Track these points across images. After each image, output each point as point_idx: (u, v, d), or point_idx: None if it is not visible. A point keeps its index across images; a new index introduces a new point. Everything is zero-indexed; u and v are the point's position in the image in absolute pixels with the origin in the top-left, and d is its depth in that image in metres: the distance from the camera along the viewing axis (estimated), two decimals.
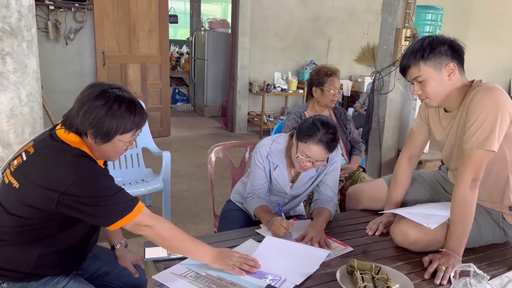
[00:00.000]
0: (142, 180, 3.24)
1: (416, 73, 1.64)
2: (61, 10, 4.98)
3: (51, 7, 4.89)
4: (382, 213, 1.91)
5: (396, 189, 1.98)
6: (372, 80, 3.79)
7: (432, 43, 1.62)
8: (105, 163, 1.55)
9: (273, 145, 1.97)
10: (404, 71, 1.70)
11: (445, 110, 1.78)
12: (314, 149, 1.76)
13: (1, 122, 2.32)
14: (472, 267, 1.32)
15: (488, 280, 1.30)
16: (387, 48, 3.56)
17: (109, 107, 1.31)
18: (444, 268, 1.49)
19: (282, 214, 1.82)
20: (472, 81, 1.69)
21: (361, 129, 4.15)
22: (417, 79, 1.66)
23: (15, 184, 1.31)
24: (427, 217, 1.65)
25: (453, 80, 1.64)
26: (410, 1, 3.43)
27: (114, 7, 5.28)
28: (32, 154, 1.33)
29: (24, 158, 1.33)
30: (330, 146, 1.77)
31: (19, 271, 1.36)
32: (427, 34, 3.75)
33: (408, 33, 3.44)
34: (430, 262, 1.56)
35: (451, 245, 1.60)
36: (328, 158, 1.87)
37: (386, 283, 1.36)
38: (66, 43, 5.13)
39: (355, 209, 2.16)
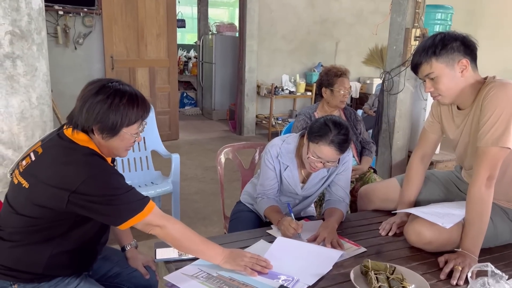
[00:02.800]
0: (152, 182, 3.24)
1: (428, 70, 1.62)
2: (70, 15, 5.02)
3: (60, 12, 4.93)
4: (395, 213, 1.88)
5: (409, 189, 1.95)
6: (381, 81, 3.77)
7: (444, 39, 1.60)
8: (112, 162, 1.55)
9: (283, 145, 1.95)
10: (415, 68, 1.67)
11: (458, 108, 1.75)
12: (326, 150, 1.74)
13: (11, 125, 2.33)
14: (490, 267, 1.29)
15: (507, 280, 1.27)
16: (397, 48, 3.53)
17: (111, 101, 1.31)
18: (460, 268, 1.46)
19: (292, 214, 1.80)
20: (486, 78, 1.66)
21: (370, 131, 4.12)
22: (429, 76, 1.63)
23: (25, 184, 1.30)
24: (442, 216, 1.62)
25: (466, 77, 1.61)
26: (420, 1, 3.41)
27: (123, 12, 5.32)
28: (41, 154, 1.33)
29: (33, 158, 1.33)
30: (342, 147, 1.74)
31: (29, 272, 1.35)
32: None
33: (418, 32, 3.41)
34: (446, 262, 1.53)
35: (467, 245, 1.56)
36: (339, 158, 1.84)
37: (402, 283, 1.33)
38: (75, 48, 5.17)
39: (367, 209, 2.13)
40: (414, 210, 1.73)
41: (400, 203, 1.94)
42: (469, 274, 1.33)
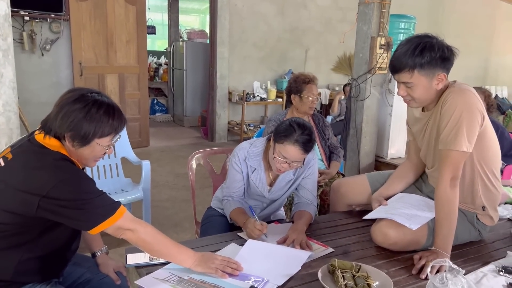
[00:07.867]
0: (122, 190, 3.21)
1: (408, 78, 1.65)
2: (36, 21, 4.93)
3: (26, 18, 4.83)
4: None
5: (390, 183, 2.03)
6: (349, 88, 3.88)
7: (431, 51, 1.60)
8: (83, 169, 1.55)
9: (251, 149, 2.00)
10: (395, 71, 1.68)
11: (422, 110, 1.83)
12: (291, 150, 1.80)
13: None
14: (448, 262, 1.37)
15: (463, 274, 1.34)
16: (363, 56, 3.65)
17: (87, 111, 1.31)
18: (431, 264, 1.53)
19: (255, 216, 1.83)
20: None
21: (339, 137, 4.23)
22: (406, 84, 1.67)
23: None
24: (409, 218, 1.70)
25: (439, 86, 1.67)
26: (384, 11, 3.54)
27: (91, 18, 5.26)
28: (10, 160, 1.32)
29: (2, 164, 1.32)
30: (306, 146, 1.81)
31: None
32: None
33: (383, 41, 3.54)
34: (420, 258, 1.60)
35: (439, 243, 1.64)
36: (304, 160, 1.90)
37: (366, 281, 1.39)
38: (42, 54, 5.07)
39: (339, 203, 2.20)
40: (382, 214, 1.79)
41: (377, 193, 2.01)
42: (429, 270, 1.41)
